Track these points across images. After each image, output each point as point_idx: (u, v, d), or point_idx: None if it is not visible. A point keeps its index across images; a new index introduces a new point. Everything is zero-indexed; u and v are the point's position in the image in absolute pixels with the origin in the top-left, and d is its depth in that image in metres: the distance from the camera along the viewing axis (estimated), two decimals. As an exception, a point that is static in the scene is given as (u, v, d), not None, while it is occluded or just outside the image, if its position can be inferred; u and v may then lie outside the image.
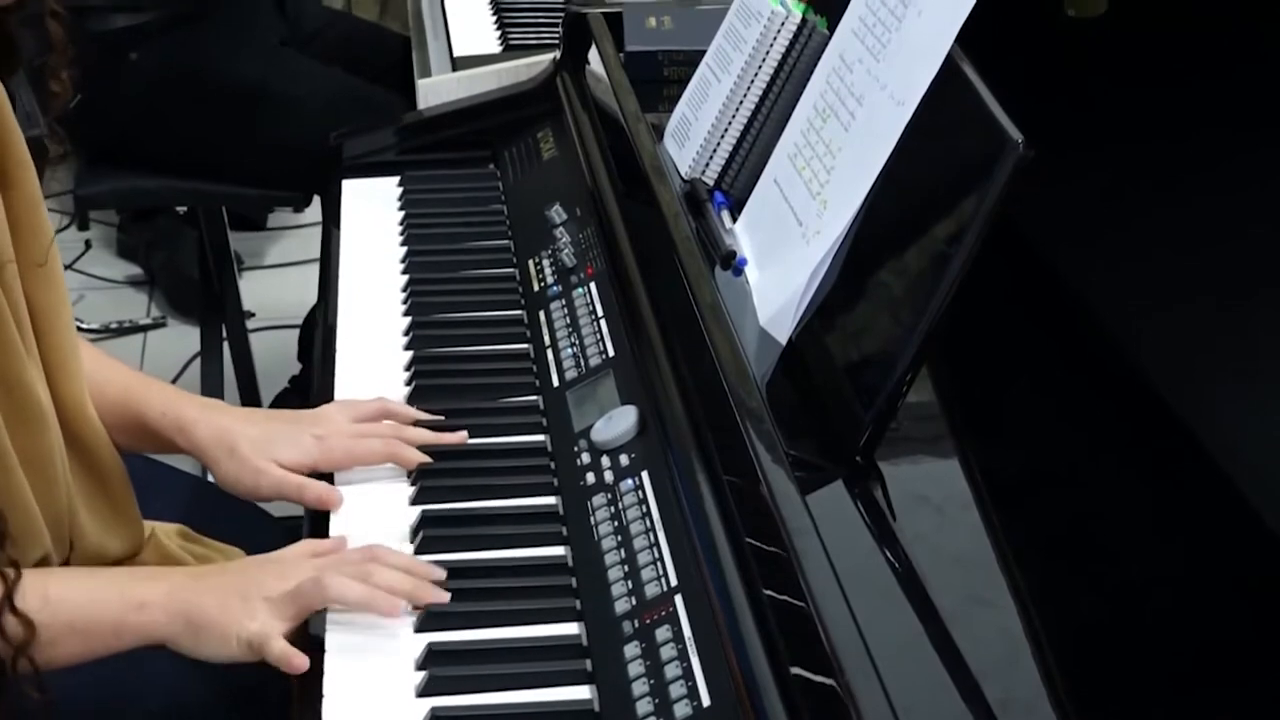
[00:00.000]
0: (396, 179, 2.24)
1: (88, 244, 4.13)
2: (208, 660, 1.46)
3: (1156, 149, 1.75)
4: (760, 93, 1.76)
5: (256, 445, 1.65)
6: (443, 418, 1.70)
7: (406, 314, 1.92)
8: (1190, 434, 1.53)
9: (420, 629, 1.43)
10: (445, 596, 1.45)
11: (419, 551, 1.53)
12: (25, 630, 1.38)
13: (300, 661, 1.41)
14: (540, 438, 1.67)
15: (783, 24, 1.74)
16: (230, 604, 1.44)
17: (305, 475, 1.64)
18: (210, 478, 1.71)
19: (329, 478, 1.66)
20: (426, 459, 1.64)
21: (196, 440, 1.68)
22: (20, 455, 1.46)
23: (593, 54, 2.17)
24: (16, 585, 1.38)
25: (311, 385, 1.98)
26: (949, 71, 1.41)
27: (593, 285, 1.82)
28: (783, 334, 1.51)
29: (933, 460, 1.47)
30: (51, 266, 1.55)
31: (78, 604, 1.45)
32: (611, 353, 1.70)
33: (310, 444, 1.66)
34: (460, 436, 1.67)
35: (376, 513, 1.59)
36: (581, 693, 1.37)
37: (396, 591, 1.44)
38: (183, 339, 3.70)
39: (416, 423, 1.69)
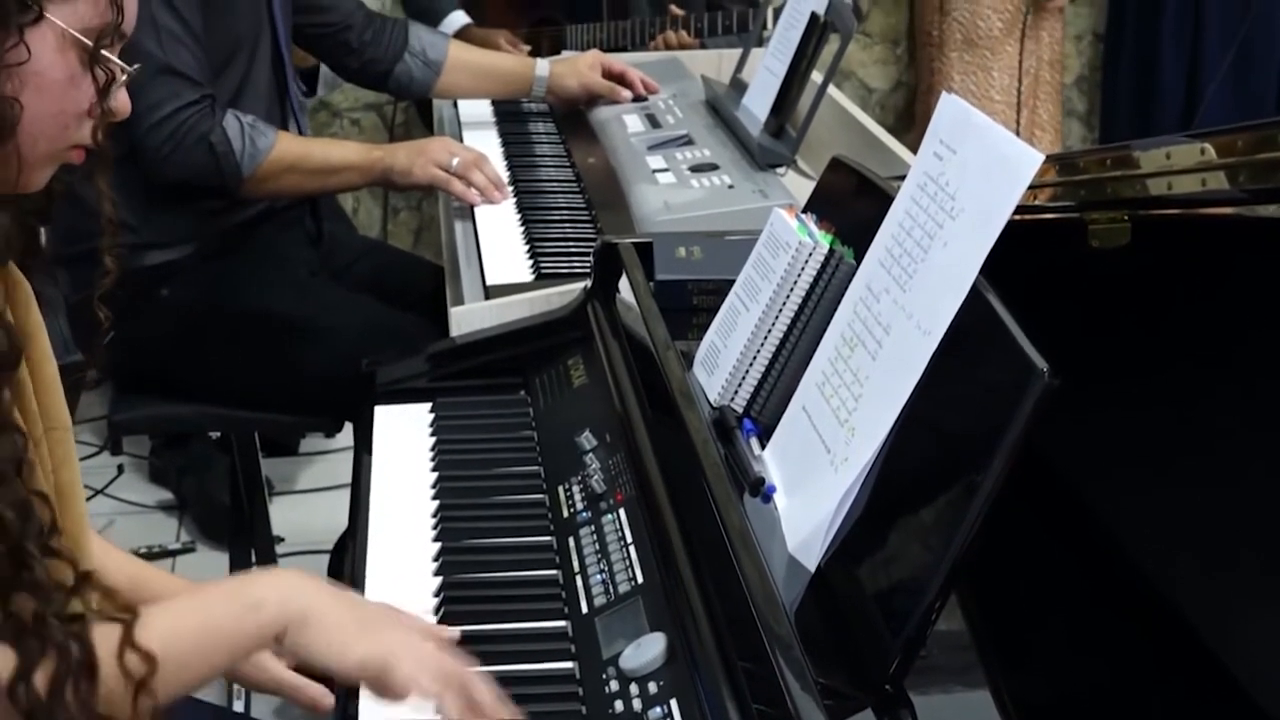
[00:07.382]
0: (429, 405, 2.26)
1: (120, 469, 4.16)
2: (313, 660, 1.49)
3: (1181, 376, 1.76)
4: (788, 322, 1.78)
5: None
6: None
7: (436, 539, 1.92)
8: (1221, 665, 1.52)
9: None
10: None
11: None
12: (147, 666, 1.38)
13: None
14: (568, 665, 1.66)
15: (810, 254, 1.77)
16: (345, 618, 1.49)
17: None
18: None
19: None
20: None
21: None
22: None
23: (623, 283, 2.20)
24: (134, 624, 1.38)
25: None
26: (975, 301, 1.42)
27: (622, 511, 1.82)
28: (811, 561, 1.51)
29: (962, 689, 1.45)
30: (69, 443, 1.57)
31: (195, 622, 1.47)
32: (640, 579, 1.70)
33: None
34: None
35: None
36: None
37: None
38: (212, 564, 3.70)
39: None
